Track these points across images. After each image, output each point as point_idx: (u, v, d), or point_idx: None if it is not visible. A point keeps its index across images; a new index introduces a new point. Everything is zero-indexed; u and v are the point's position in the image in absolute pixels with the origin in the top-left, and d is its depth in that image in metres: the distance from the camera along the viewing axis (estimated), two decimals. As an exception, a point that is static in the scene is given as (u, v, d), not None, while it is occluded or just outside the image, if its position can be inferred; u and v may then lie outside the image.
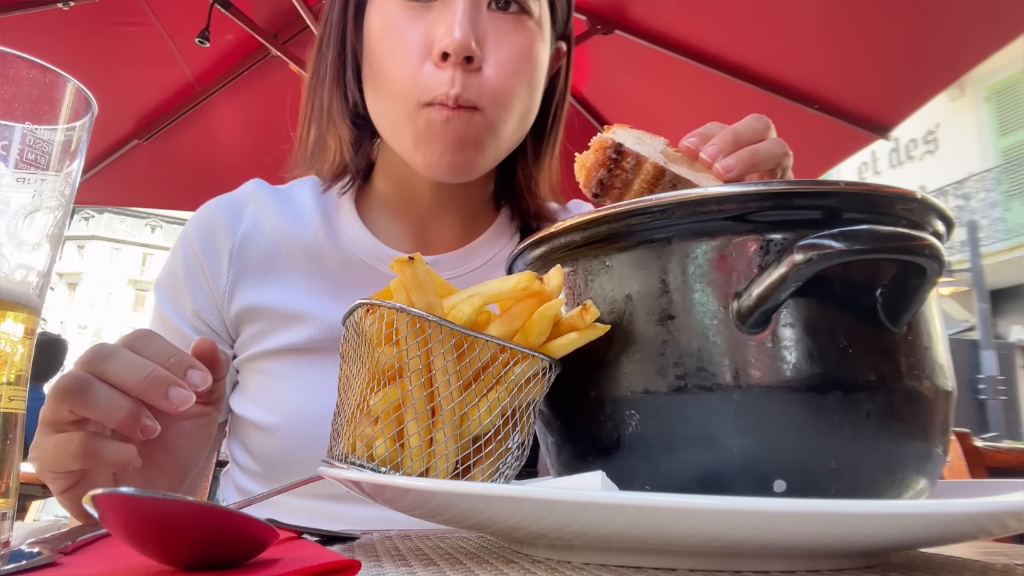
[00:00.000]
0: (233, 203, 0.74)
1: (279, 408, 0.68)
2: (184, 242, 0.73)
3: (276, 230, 0.71)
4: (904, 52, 1.94)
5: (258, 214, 0.72)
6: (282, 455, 0.68)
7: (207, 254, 0.71)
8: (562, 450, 0.46)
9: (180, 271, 0.71)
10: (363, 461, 0.41)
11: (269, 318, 0.69)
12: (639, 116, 2.49)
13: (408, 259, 0.41)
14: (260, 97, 2.33)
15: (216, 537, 0.29)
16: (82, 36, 1.98)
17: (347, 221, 0.72)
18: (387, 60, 0.62)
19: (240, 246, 0.70)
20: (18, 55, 0.35)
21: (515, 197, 0.75)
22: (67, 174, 0.37)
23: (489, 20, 0.61)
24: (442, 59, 0.59)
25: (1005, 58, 7.68)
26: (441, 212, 0.74)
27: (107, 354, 0.46)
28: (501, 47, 0.61)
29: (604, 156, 0.48)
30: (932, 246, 0.36)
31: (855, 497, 0.32)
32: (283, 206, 0.73)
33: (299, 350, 0.69)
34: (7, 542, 0.35)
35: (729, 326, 0.38)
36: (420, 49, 0.60)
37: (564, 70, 0.74)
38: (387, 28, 0.62)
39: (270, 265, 0.70)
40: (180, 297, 0.71)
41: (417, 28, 0.60)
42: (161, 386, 0.45)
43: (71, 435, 0.46)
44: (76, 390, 0.45)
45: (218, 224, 0.71)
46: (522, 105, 0.64)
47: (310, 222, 0.72)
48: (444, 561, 0.37)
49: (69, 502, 0.51)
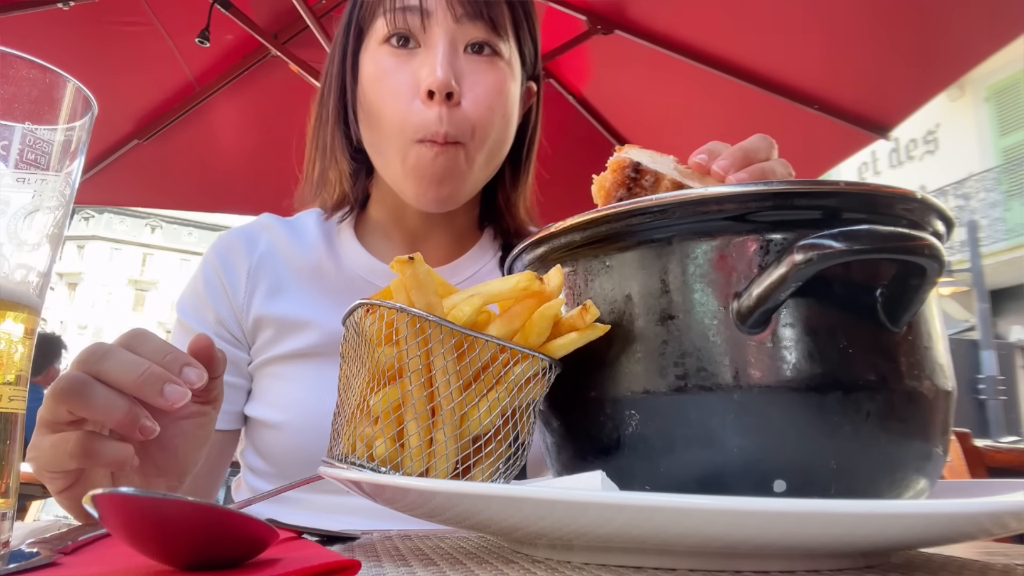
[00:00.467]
0: (249, 232, 0.84)
1: (288, 407, 0.75)
2: (206, 265, 0.82)
3: (286, 254, 0.81)
4: (904, 52, 1.94)
5: (271, 241, 0.82)
6: (290, 451, 0.74)
7: (227, 273, 0.80)
8: (562, 450, 0.46)
9: (202, 289, 0.80)
10: (363, 461, 0.41)
11: (279, 326, 0.78)
12: (639, 116, 2.49)
13: (408, 259, 0.41)
14: (260, 97, 2.33)
15: (216, 537, 0.29)
16: (82, 36, 1.97)
17: (347, 244, 0.82)
18: (380, 100, 0.71)
19: (256, 266, 0.80)
20: (18, 55, 0.35)
21: (497, 219, 0.85)
22: (67, 174, 0.37)
23: (465, 62, 0.70)
24: (428, 96, 0.67)
25: (1005, 58, 7.68)
26: (430, 234, 0.83)
27: (103, 353, 0.46)
28: (477, 84, 0.69)
29: (623, 176, 0.49)
30: (932, 246, 0.36)
31: (855, 497, 0.32)
32: (292, 234, 0.83)
33: (305, 354, 0.76)
34: (7, 542, 0.35)
35: (729, 326, 0.38)
36: (408, 89, 0.69)
37: (535, 107, 0.84)
38: (379, 73, 0.71)
39: (281, 282, 0.80)
40: (203, 310, 0.79)
41: (405, 71, 0.70)
42: (156, 383, 0.45)
43: (68, 435, 0.47)
44: (74, 390, 0.45)
45: (236, 249, 0.82)
46: (496, 136, 0.73)
47: (315, 246, 0.82)
48: (444, 561, 0.37)
49: (67, 502, 0.51)
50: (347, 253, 0.81)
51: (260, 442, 0.77)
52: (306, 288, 0.79)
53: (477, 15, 0.69)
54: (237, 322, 0.79)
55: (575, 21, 2.15)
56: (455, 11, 0.68)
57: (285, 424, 0.74)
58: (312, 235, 0.82)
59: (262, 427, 0.77)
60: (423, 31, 0.69)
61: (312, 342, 0.76)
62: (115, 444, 0.47)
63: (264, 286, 0.79)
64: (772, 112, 2.13)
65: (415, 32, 0.70)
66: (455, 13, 0.68)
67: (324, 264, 0.80)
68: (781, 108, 2.09)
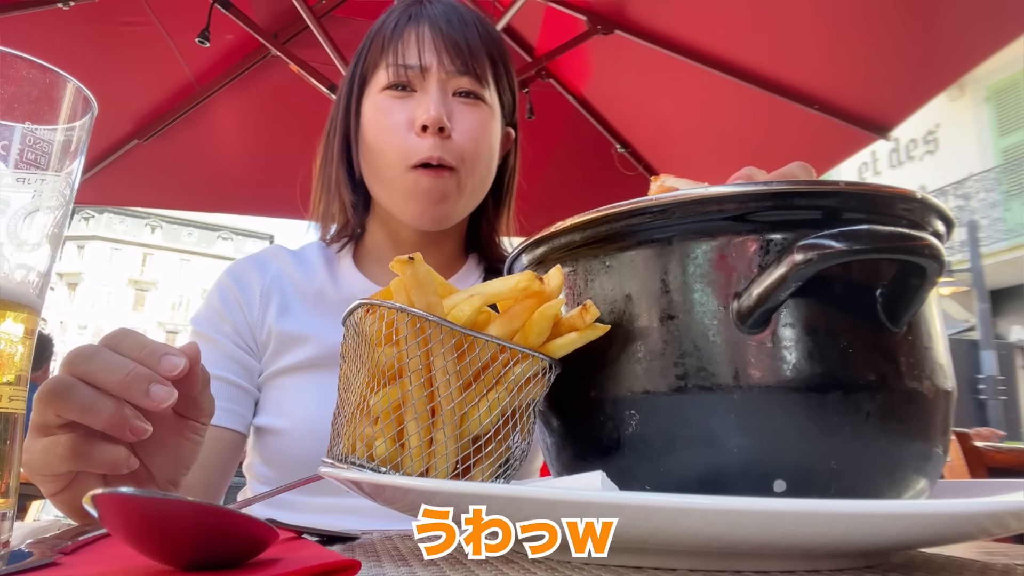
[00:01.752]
0: (260, 260, 0.94)
1: (290, 414, 0.82)
2: (221, 286, 0.90)
3: (293, 279, 0.91)
4: (904, 52, 1.94)
5: (280, 267, 0.92)
6: (293, 454, 0.81)
7: (243, 292, 0.89)
8: (562, 450, 0.46)
9: (218, 306, 0.88)
10: (363, 461, 0.41)
11: (284, 340, 0.86)
12: (639, 116, 2.49)
13: (408, 259, 0.41)
14: (260, 97, 2.33)
15: (216, 537, 0.29)
16: (82, 36, 1.97)
17: (346, 270, 0.92)
18: (380, 136, 0.83)
19: (268, 287, 0.90)
20: (18, 55, 0.35)
21: (480, 246, 0.96)
22: (67, 174, 0.37)
23: (454, 103, 0.83)
24: (422, 130, 0.80)
25: (1005, 58, 7.68)
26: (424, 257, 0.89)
27: (88, 355, 0.46)
28: (464, 121, 0.82)
29: None
30: (932, 246, 0.36)
31: (855, 497, 0.32)
32: (298, 262, 0.93)
33: (306, 366, 0.85)
34: (7, 542, 0.35)
35: (729, 326, 0.38)
36: (406, 125, 0.81)
37: (514, 150, 0.97)
38: (379, 113, 0.83)
39: (288, 302, 0.89)
40: (220, 323, 0.87)
41: (402, 111, 0.82)
42: (142, 383, 0.45)
43: (58, 438, 0.46)
44: (60, 393, 0.45)
45: (250, 273, 0.91)
46: (483, 165, 0.85)
47: (317, 273, 0.92)
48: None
49: (61, 504, 0.51)
50: (346, 278, 0.91)
51: (265, 449, 0.84)
52: (309, 309, 0.88)
53: (465, 71, 0.83)
54: (252, 334, 0.87)
55: (575, 21, 2.15)
56: (446, 67, 0.82)
57: (288, 430, 0.81)
58: (315, 263, 0.93)
59: (267, 434, 0.83)
60: (421, 80, 0.82)
61: (311, 355, 0.84)
62: (106, 447, 0.47)
63: (274, 305, 0.88)
64: (772, 112, 2.13)
65: (413, 81, 0.82)
66: (447, 69, 0.82)
67: (326, 288, 0.90)
68: (781, 108, 2.09)
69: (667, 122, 2.48)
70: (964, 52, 1.87)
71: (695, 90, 2.24)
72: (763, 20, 1.99)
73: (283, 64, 2.10)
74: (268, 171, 2.43)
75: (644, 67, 2.25)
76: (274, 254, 0.95)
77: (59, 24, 1.88)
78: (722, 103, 2.23)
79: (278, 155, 2.33)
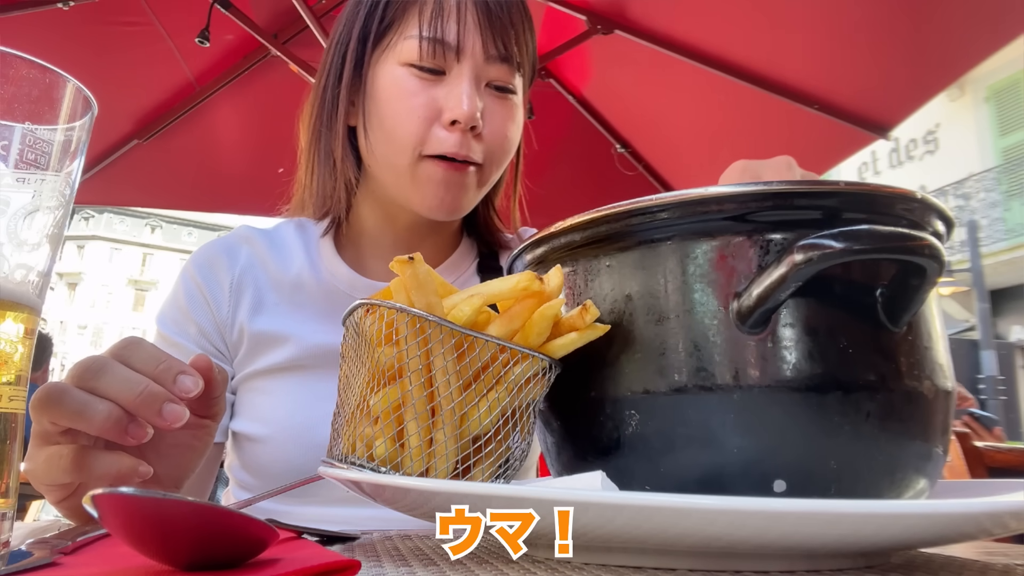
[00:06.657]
0: (229, 245, 0.84)
1: (270, 421, 0.76)
2: (186, 277, 0.81)
3: (267, 267, 0.82)
4: (904, 52, 1.94)
5: (252, 253, 0.82)
6: (275, 462, 0.75)
7: (210, 286, 0.80)
8: (562, 450, 0.46)
9: (183, 302, 0.80)
10: (363, 461, 0.41)
11: (259, 341, 0.78)
12: (639, 116, 2.49)
13: (408, 259, 0.41)
14: (260, 97, 2.33)
15: (216, 537, 0.29)
16: (82, 36, 1.97)
17: (327, 258, 0.82)
18: (396, 118, 0.72)
19: (239, 279, 0.80)
20: (18, 55, 0.35)
21: (479, 230, 0.88)
22: (67, 174, 0.37)
23: (486, 96, 0.74)
24: (451, 125, 0.71)
25: (1005, 58, 7.67)
26: (415, 244, 0.83)
27: (98, 368, 0.45)
28: (496, 117, 0.74)
29: None
30: (932, 246, 0.36)
31: (855, 497, 0.32)
32: (272, 246, 0.83)
33: (285, 368, 0.77)
34: (7, 542, 0.35)
35: (729, 326, 0.38)
36: (428, 113, 0.71)
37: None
38: (399, 91, 0.72)
39: (262, 296, 0.80)
40: (184, 324, 0.79)
41: (426, 95, 0.71)
42: (155, 403, 0.44)
43: (61, 448, 0.45)
44: (52, 399, 0.44)
45: (218, 262, 0.81)
46: (508, 160, 0.79)
47: (295, 260, 0.82)
48: (444, 561, 0.37)
49: (66, 511, 0.51)
50: (327, 267, 0.81)
51: (245, 456, 0.78)
52: (285, 303, 0.80)
53: (504, 58, 0.73)
54: (220, 336, 0.79)
55: (575, 21, 2.15)
56: (487, 51, 0.72)
57: (268, 437, 0.75)
58: (292, 248, 0.83)
59: (246, 441, 0.77)
60: (455, 61, 0.72)
61: (290, 356, 0.77)
62: (110, 457, 0.46)
63: (246, 300, 0.79)
64: (772, 112, 2.13)
65: (445, 60, 0.72)
66: (487, 53, 0.73)
67: (305, 278, 0.81)
68: (781, 108, 2.09)
69: (667, 122, 2.48)
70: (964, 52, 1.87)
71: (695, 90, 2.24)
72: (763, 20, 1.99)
73: (283, 64, 2.10)
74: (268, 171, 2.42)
75: (644, 67, 2.25)
76: (245, 237, 0.84)
77: (59, 24, 1.88)
78: (722, 103, 2.23)
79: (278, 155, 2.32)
